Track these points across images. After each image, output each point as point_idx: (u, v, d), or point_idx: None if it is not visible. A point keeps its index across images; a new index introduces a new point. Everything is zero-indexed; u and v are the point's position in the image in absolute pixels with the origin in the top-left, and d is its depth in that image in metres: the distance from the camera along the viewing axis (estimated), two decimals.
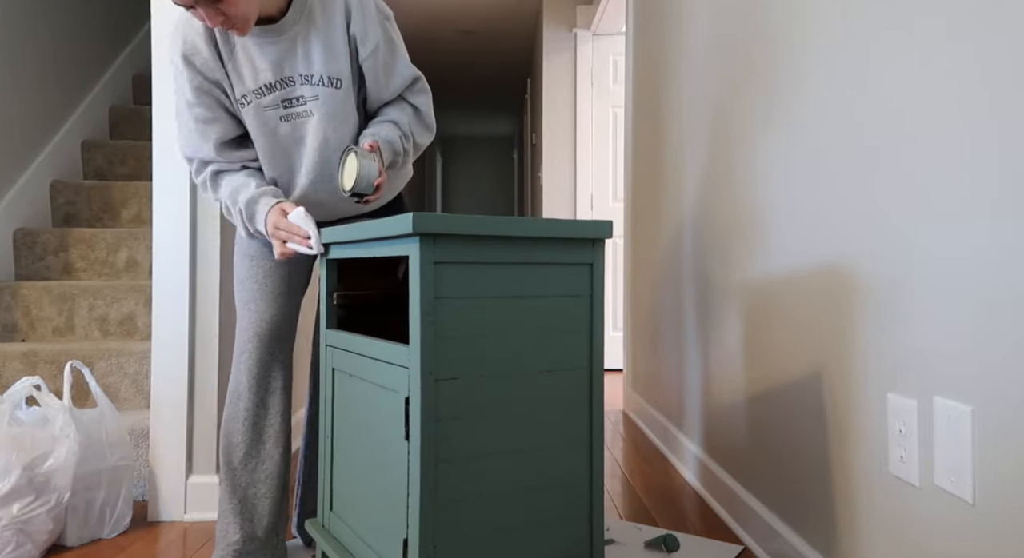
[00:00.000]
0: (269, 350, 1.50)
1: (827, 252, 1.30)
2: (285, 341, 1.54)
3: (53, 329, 2.40)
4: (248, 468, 1.49)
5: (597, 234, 1.20)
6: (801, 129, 1.41)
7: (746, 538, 1.66)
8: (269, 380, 1.51)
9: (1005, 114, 0.86)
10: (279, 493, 1.51)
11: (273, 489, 1.50)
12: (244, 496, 1.48)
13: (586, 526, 1.22)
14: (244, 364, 1.49)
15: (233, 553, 1.45)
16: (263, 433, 1.50)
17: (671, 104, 2.47)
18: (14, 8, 2.70)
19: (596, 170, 4.42)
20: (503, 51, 6.16)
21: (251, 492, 1.49)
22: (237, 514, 1.47)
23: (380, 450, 1.19)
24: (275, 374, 1.51)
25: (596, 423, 1.22)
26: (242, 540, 1.46)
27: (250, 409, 1.49)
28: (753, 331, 1.66)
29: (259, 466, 1.49)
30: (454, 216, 1.07)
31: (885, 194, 1.11)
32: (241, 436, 1.48)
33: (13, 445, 1.55)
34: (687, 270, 2.24)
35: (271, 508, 1.50)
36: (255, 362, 1.49)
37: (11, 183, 2.68)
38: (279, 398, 1.52)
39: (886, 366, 1.11)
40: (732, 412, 1.80)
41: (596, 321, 1.22)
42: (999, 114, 0.87)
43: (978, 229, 0.90)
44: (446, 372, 1.10)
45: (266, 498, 1.49)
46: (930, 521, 1.00)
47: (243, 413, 1.49)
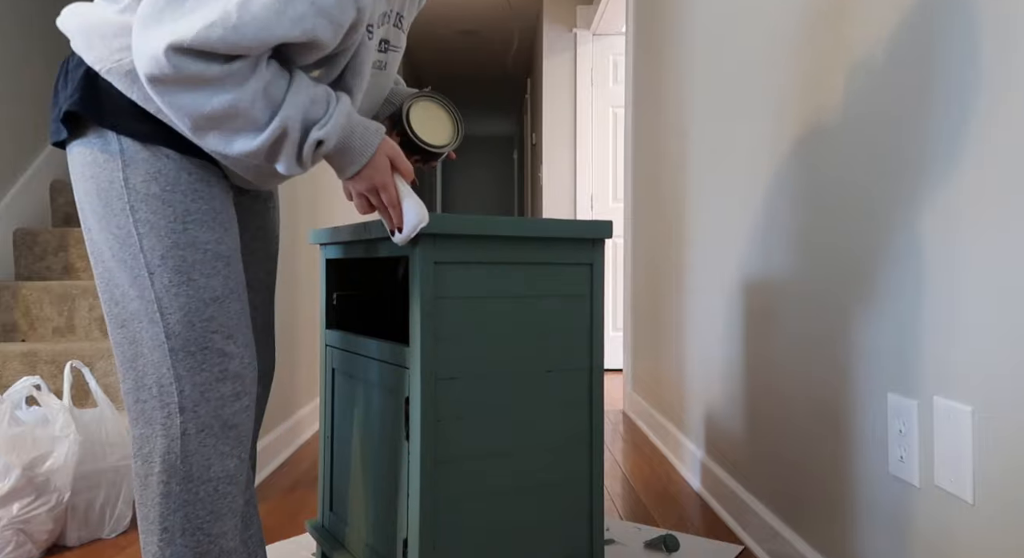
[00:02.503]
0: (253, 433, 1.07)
1: (828, 252, 1.30)
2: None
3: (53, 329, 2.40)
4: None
5: (597, 234, 1.20)
6: (801, 129, 1.41)
7: (746, 538, 1.66)
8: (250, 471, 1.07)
9: (1008, 110, 0.86)
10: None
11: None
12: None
13: (586, 526, 1.22)
14: (237, 444, 1.00)
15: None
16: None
17: (671, 104, 2.47)
18: (18, 8, 2.70)
19: (596, 170, 4.42)
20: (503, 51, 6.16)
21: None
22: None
23: (380, 450, 1.19)
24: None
25: (596, 423, 1.22)
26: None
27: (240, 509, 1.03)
28: (753, 331, 1.66)
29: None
30: (454, 216, 1.07)
31: (886, 193, 1.11)
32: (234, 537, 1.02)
33: (13, 445, 1.55)
34: (687, 270, 2.24)
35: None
36: (249, 445, 1.02)
37: (11, 183, 2.68)
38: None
39: (886, 366, 1.11)
40: (732, 412, 1.80)
41: (596, 321, 1.22)
42: (1000, 112, 0.87)
43: (978, 229, 0.90)
44: (446, 372, 1.10)
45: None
46: (930, 521, 1.00)
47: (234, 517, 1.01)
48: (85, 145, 0.96)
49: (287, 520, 1.81)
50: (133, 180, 0.94)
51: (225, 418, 0.98)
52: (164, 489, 0.95)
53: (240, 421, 0.99)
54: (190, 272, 0.96)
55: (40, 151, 2.87)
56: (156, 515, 0.96)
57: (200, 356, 0.96)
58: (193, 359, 0.96)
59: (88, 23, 0.95)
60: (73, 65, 0.97)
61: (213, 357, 0.97)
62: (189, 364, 0.96)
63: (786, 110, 1.48)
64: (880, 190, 1.12)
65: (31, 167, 2.80)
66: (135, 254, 0.95)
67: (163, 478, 0.95)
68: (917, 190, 1.03)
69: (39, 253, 2.63)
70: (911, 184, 1.04)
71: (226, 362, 0.98)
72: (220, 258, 0.98)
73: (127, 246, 0.95)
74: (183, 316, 0.95)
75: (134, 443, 0.98)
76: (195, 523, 0.96)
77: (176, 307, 0.95)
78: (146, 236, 0.94)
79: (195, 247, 0.96)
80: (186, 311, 0.95)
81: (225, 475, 0.98)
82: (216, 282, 0.97)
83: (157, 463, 0.95)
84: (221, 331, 0.98)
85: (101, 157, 0.95)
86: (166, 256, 0.95)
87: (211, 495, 0.97)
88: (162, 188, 0.95)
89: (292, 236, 2.56)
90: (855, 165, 1.20)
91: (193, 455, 0.96)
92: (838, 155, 1.26)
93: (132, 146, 0.95)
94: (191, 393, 0.96)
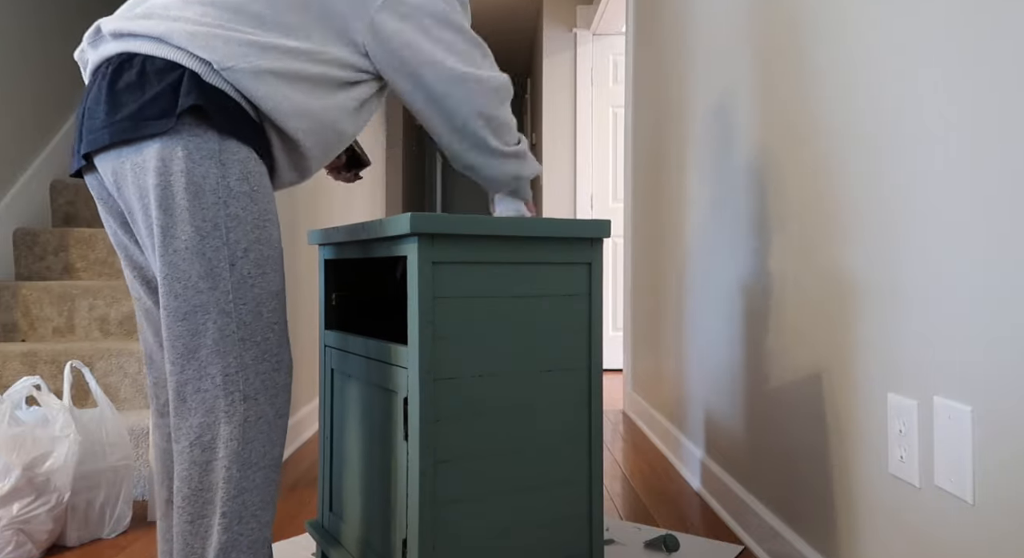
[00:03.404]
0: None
1: (828, 251, 1.29)
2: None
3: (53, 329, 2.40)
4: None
5: (596, 233, 1.20)
6: (800, 128, 1.41)
7: (746, 538, 1.66)
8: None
9: (1007, 115, 0.86)
10: None
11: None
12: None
13: (586, 526, 1.22)
14: (283, 433, 1.08)
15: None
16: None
17: (671, 104, 2.47)
18: (17, 8, 2.70)
19: (596, 170, 4.42)
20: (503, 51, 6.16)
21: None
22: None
23: (380, 450, 1.19)
24: None
25: (595, 423, 1.22)
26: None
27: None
28: (753, 331, 1.66)
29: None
30: (452, 216, 1.07)
31: (888, 195, 1.11)
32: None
33: (13, 445, 1.55)
34: (687, 270, 2.24)
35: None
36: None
37: (11, 183, 2.68)
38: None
39: (886, 366, 1.11)
40: (732, 412, 1.80)
41: (595, 321, 1.22)
42: (1001, 115, 0.87)
43: (979, 229, 0.90)
44: (445, 372, 1.10)
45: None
46: (930, 521, 1.00)
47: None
48: (176, 142, 1.00)
49: (287, 520, 1.81)
50: (230, 178, 1.01)
51: (278, 406, 1.05)
52: (226, 475, 1.00)
53: (287, 411, 1.07)
54: (265, 266, 1.04)
55: (40, 151, 2.87)
56: (219, 499, 1.00)
57: (263, 346, 1.03)
58: (258, 349, 1.03)
59: (202, 31, 1.02)
60: (157, 68, 1.01)
61: (272, 348, 1.05)
62: (254, 354, 1.02)
63: (787, 108, 1.48)
64: (879, 190, 1.12)
65: (31, 167, 2.80)
66: (219, 246, 1.01)
67: (225, 464, 1.00)
68: (917, 190, 1.03)
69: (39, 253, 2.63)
70: (911, 184, 1.04)
71: (281, 353, 1.06)
72: (280, 256, 1.08)
73: (211, 238, 1.00)
74: (255, 306, 1.02)
75: (190, 433, 1.01)
76: (251, 510, 1.01)
77: (250, 298, 1.02)
78: (233, 229, 1.01)
79: (271, 244, 1.05)
80: (258, 302, 1.03)
81: (275, 463, 1.04)
82: (278, 278, 1.06)
83: (220, 449, 1.00)
84: (280, 323, 1.06)
85: (197, 154, 1.00)
86: (249, 249, 1.02)
87: (264, 482, 1.02)
88: (252, 187, 1.03)
89: (292, 236, 2.56)
90: (854, 166, 1.20)
91: (252, 442, 1.01)
92: (838, 155, 1.26)
93: (231, 146, 1.02)
94: (254, 381, 1.02)
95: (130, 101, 1.01)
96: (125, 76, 1.02)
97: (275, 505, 1.06)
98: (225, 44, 1.02)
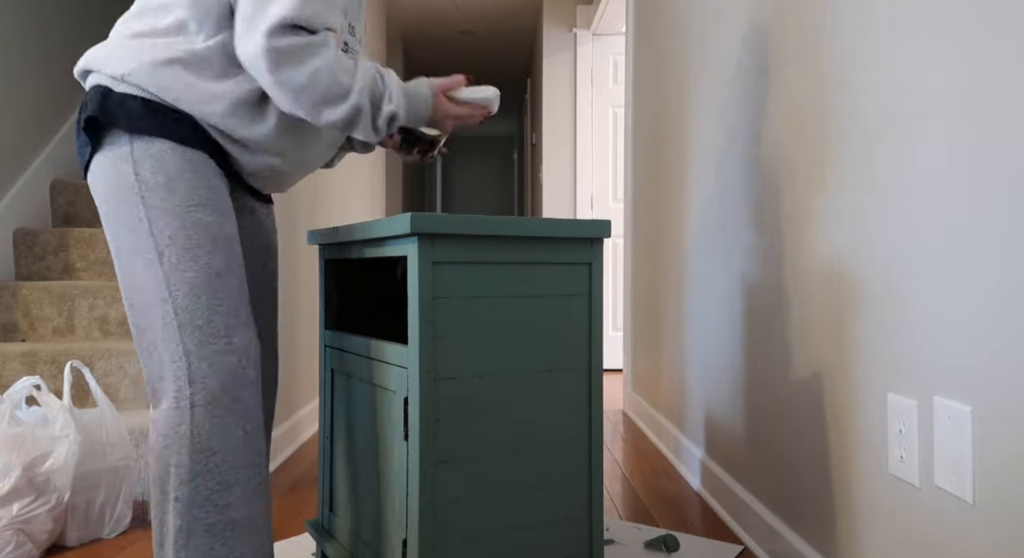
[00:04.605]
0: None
1: (828, 251, 1.29)
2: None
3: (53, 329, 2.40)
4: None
5: (596, 233, 1.20)
6: (802, 127, 1.41)
7: (746, 538, 1.66)
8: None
9: (1010, 114, 0.86)
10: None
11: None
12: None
13: (586, 526, 1.22)
14: (244, 416, 1.05)
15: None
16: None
17: (671, 104, 2.47)
18: (17, 10, 2.70)
19: (596, 170, 4.42)
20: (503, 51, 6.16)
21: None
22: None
23: (380, 450, 1.19)
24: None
25: (596, 423, 1.22)
26: None
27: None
28: (753, 331, 1.66)
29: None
30: (452, 216, 1.07)
31: (887, 195, 1.11)
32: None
33: (13, 445, 1.55)
34: (687, 270, 2.24)
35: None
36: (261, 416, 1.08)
37: (11, 183, 2.68)
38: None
39: (886, 366, 1.11)
40: (732, 412, 1.80)
41: (595, 321, 1.22)
42: (1003, 114, 0.87)
43: (978, 229, 0.90)
44: (445, 372, 1.10)
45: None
46: (930, 521, 1.00)
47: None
48: (102, 155, 1.07)
49: (287, 520, 1.81)
50: (143, 173, 1.04)
51: (232, 390, 1.03)
52: (176, 460, 1.00)
53: (246, 395, 1.04)
54: (195, 250, 1.03)
55: (40, 151, 2.87)
56: (170, 487, 1.01)
57: (207, 329, 1.02)
58: (200, 332, 1.02)
59: (112, 44, 1.09)
60: (88, 97, 1.09)
61: (219, 330, 1.03)
62: (197, 337, 1.02)
63: (786, 109, 1.48)
64: (879, 190, 1.12)
65: (31, 167, 2.80)
66: (145, 239, 1.03)
67: (175, 449, 1.01)
68: (917, 191, 1.03)
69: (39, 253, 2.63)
70: (910, 185, 1.04)
71: (231, 335, 1.04)
72: (222, 237, 1.06)
73: (138, 233, 1.03)
74: (189, 290, 1.02)
75: (155, 424, 1.03)
76: (204, 494, 1.00)
77: (183, 282, 1.02)
78: (155, 221, 1.03)
79: (199, 227, 1.04)
80: (192, 286, 1.03)
81: (231, 446, 1.02)
82: (218, 259, 1.05)
83: (171, 436, 1.01)
84: (225, 305, 1.04)
85: (113, 160, 1.05)
86: (174, 236, 1.03)
87: (219, 466, 1.01)
88: (168, 177, 1.04)
89: (292, 236, 2.56)
90: (855, 165, 1.20)
91: (201, 426, 1.01)
92: (837, 155, 1.26)
93: (141, 144, 1.05)
94: (199, 365, 1.02)
95: (79, 133, 1.09)
96: (79, 114, 1.10)
97: (244, 488, 1.03)
98: (128, 49, 1.07)
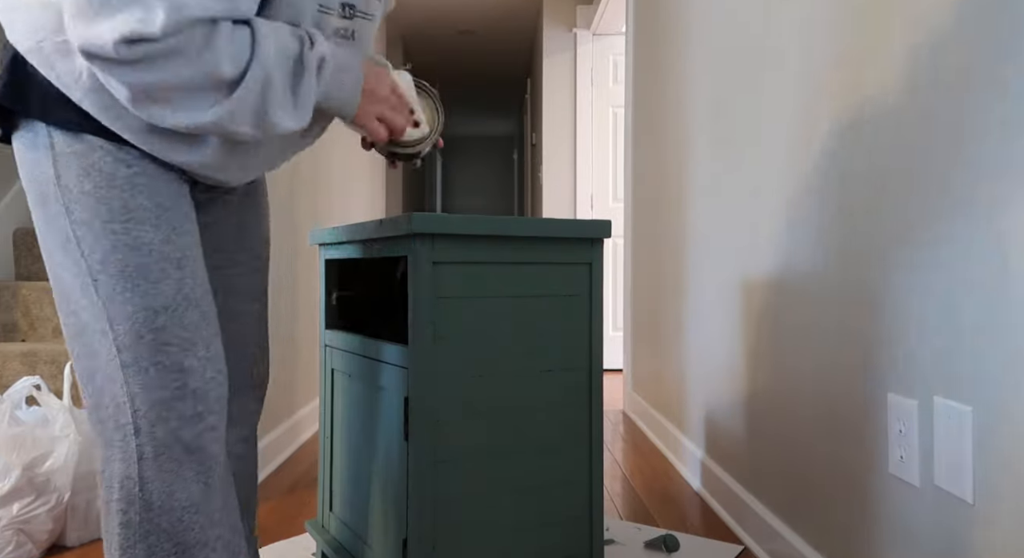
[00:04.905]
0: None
1: (827, 252, 1.30)
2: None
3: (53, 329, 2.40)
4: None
5: (596, 233, 1.20)
6: (802, 127, 1.41)
7: (746, 538, 1.66)
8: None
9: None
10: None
11: None
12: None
13: (586, 526, 1.22)
14: (203, 469, 0.89)
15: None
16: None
17: (671, 104, 2.47)
18: None
19: (596, 170, 4.42)
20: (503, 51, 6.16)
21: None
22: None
23: (380, 450, 1.19)
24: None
25: (596, 423, 1.22)
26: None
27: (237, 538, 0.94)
28: (753, 331, 1.66)
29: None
30: (453, 216, 1.07)
31: (886, 194, 1.11)
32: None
33: (13, 445, 1.55)
34: (687, 269, 2.24)
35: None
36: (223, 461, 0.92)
37: (11, 183, 2.68)
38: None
39: (886, 366, 1.11)
40: (732, 412, 1.80)
41: (595, 321, 1.22)
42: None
43: (979, 229, 0.90)
44: (445, 372, 1.10)
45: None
46: (930, 521, 1.00)
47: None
48: (18, 140, 0.87)
49: (287, 520, 1.81)
50: (65, 177, 0.84)
51: (187, 441, 0.87)
52: (123, 518, 0.86)
53: (204, 443, 0.88)
54: (134, 278, 0.85)
55: None
56: (116, 546, 0.87)
57: (153, 372, 0.85)
58: (146, 375, 0.85)
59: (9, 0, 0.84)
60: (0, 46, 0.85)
61: (168, 373, 0.86)
62: (142, 380, 0.85)
63: (786, 109, 1.48)
64: (878, 192, 1.12)
65: None
66: (77, 259, 0.85)
67: (122, 506, 0.86)
68: (916, 191, 1.03)
69: (39, 253, 2.63)
70: (910, 185, 1.04)
71: (184, 378, 0.87)
72: (169, 260, 0.87)
73: (68, 251, 0.85)
74: (130, 326, 0.85)
75: (100, 464, 0.89)
76: (159, 556, 0.87)
77: (123, 317, 0.85)
78: (84, 239, 0.84)
79: (138, 249, 0.85)
80: (133, 321, 0.85)
81: (190, 503, 0.88)
82: (166, 287, 0.86)
83: (116, 489, 0.87)
84: (176, 343, 0.86)
85: (31, 155, 0.85)
86: (106, 260, 0.84)
87: (174, 525, 0.87)
88: (96, 184, 0.84)
89: (292, 236, 2.56)
90: (855, 166, 1.20)
91: (151, 481, 0.86)
92: (837, 155, 1.26)
93: (62, 139, 0.84)
94: (147, 412, 0.85)
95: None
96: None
97: (208, 548, 0.89)
98: (25, 13, 0.83)
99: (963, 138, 0.93)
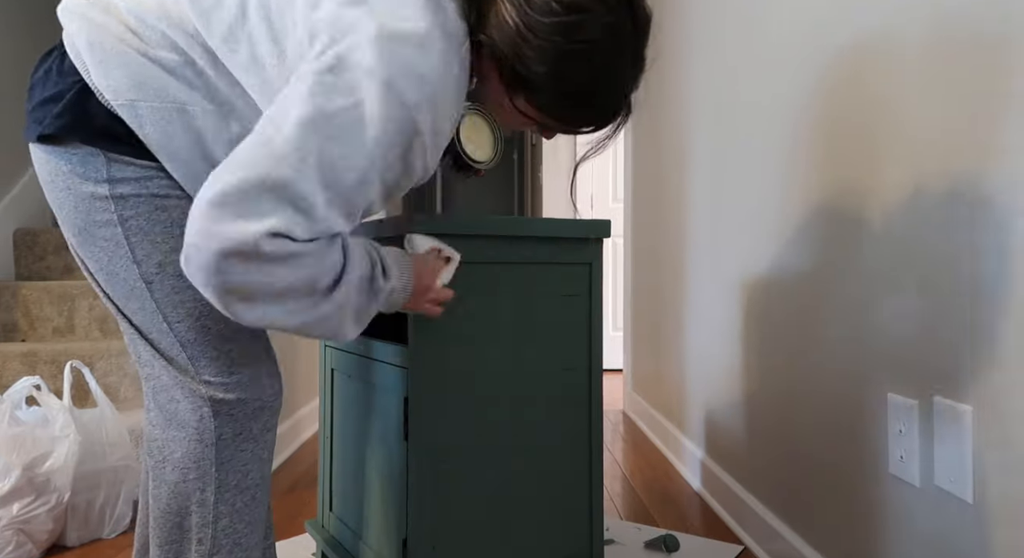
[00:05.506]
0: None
1: (828, 252, 1.30)
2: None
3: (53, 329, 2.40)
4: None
5: (595, 233, 1.20)
6: (802, 126, 1.41)
7: (746, 538, 1.66)
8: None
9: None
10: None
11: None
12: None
13: (586, 526, 1.22)
14: (273, 445, 0.97)
15: None
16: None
17: (671, 103, 2.47)
18: (17, 8, 2.70)
19: (596, 170, 4.42)
20: None
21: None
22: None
23: (380, 450, 1.19)
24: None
25: (596, 423, 1.22)
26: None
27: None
28: (753, 331, 1.66)
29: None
30: (452, 216, 1.07)
31: (885, 194, 1.11)
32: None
33: (13, 445, 1.55)
34: (687, 269, 2.24)
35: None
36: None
37: (11, 183, 2.68)
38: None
39: (886, 366, 1.11)
40: (732, 412, 1.80)
41: (595, 321, 1.22)
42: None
43: (979, 228, 0.90)
44: (445, 372, 1.10)
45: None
46: (930, 521, 1.00)
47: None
48: (61, 156, 0.86)
49: (287, 520, 1.81)
50: (121, 188, 0.85)
51: (261, 419, 0.91)
52: (199, 497, 0.89)
53: (274, 423, 0.94)
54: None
55: None
56: (191, 525, 0.89)
57: (225, 360, 0.89)
58: (217, 364, 0.89)
59: (104, 43, 0.84)
60: (66, 68, 0.86)
61: (236, 359, 0.90)
62: (214, 369, 0.89)
63: (786, 109, 1.48)
64: (877, 189, 1.12)
65: (31, 168, 2.80)
66: (127, 265, 0.87)
67: (198, 485, 0.89)
68: (916, 191, 1.03)
69: (39, 253, 2.63)
70: (909, 186, 1.04)
71: (255, 362, 0.92)
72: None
73: (117, 257, 0.87)
74: (193, 322, 0.88)
75: (164, 446, 0.90)
76: (233, 538, 0.90)
77: (184, 314, 0.88)
78: (139, 245, 0.86)
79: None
80: (196, 316, 0.88)
81: (263, 481, 0.92)
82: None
83: (192, 469, 0.89)
84: (239, 329, 0.90)
85: (80, 169, 0.85)
86: (164, 263, 0.86)
87: (248, 504, 0.91)
88: (152, 193, 0.86)
89: None
90: (854, 167, 1.20)
91: (229, 461, 0.89)
92: (836, 156, 1.26)
93: (118, 160, 0.86)
94: (224, 397, 0.89)
95: (37, 97, 0.89)
96: (47, 70, 0.90)
97: (263, 524, 0.95)
98: (120, 69, 0.84)
99: (954, 130, 0.93)
